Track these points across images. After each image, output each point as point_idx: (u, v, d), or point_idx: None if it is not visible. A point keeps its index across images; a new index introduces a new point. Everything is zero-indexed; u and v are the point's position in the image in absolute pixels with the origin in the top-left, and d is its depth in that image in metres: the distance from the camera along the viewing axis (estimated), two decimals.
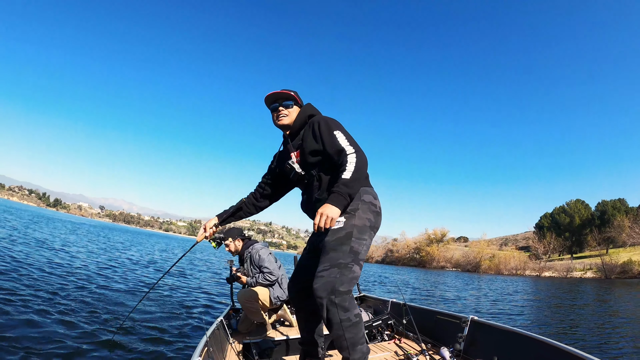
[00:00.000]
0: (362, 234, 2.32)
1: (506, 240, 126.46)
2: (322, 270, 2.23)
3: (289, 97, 2.64)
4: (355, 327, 2.23)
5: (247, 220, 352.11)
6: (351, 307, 2.22)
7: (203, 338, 2.72)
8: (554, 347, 2.29)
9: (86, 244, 19.86)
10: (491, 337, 2.87)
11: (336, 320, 2.19)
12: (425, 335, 3.46)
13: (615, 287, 28.11)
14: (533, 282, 36.32)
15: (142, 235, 67.37)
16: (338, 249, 2.25)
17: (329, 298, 2.17)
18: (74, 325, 5.01)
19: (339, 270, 2.21)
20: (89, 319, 5.49)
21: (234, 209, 2.89)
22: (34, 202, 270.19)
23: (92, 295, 7.09)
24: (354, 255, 2.27)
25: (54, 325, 4.84)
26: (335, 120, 2.53)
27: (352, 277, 2.24)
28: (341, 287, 2.18)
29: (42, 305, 5.61)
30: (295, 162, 2.58)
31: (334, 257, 2.24)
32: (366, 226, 2.34)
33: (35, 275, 7.78)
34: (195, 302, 8.24)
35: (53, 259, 10.95)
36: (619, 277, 45.37)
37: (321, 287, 2.18)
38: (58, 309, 5.63)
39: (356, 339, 2.24)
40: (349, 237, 2.27)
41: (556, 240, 69.90)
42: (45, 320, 4.98)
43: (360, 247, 2.30)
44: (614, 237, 61.62)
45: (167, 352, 4.70)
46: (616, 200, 72.04)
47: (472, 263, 68.48)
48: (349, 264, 2.23)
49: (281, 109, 2.63)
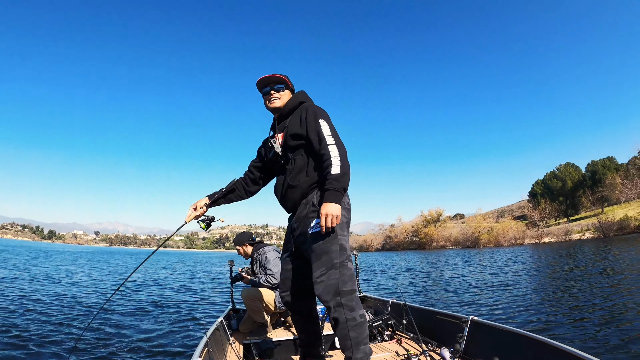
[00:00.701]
0: (344, 230, 2.39)
1: (502, 211, 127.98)
2: (320, 276, 2.27)
3: (280, 81, 2.68)
4: (360, 327, 2.27)
5: (244, 225, 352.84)
6: (357, 307, 2.28)
7: (203, 338, 2.75)
8: (554, 347, 2.27)
9: (88, 271, 19.60)
10: (491, 337, 2.85)
11: (342, 319, 2.23)
12: (425, 335, 3.44)
13: (614, 245, 28.50)
14: (533, 249, 36.78)
15: (142, 255, 67.09)
16: (330, 250, 2.29)
17: (335, 300, 2.23)
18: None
19: (336, 270, 2.26)
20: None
21: (226, 190, 2.88)
22: (28, 237, 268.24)
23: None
24: (345, 251, 2.32)
25: None
26: (324, 111, 2.57)
27: (350, 274, 2.31)
28: (344, 286, 2.25)
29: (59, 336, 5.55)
30: (278, 142, 2.62)
31: (328, 260, 2.28)
32: (344, 222, 2.39)
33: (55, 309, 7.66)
34: (195, 302, 8.31)
35: (69, 291, 10.82)
36: (617, 234, 46.10)
37: (324, 292, 2.24)
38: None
39: (360, 339, 2.26)
40: (335, 236, 2.32)
41: (551, 206, 70.56)
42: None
43: (346, 243, 2.37)
44: (608, 195, 62.45)
45: (167, 352, 4.83)
46: (605, 159, 72.79)
47: (470, 239, 68.96)
48: (344, 261, 2.29)
49: (272, 92, 2.67)
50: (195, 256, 72.49)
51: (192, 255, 78.80)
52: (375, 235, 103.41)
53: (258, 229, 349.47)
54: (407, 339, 3.57)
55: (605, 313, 6.33)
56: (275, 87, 2.66)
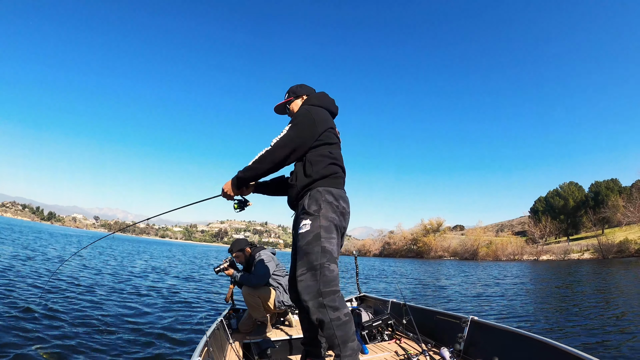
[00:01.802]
0: (330, 233, 2.38)
1: (502, 226, 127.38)
2: (301, 274, 2.32)
3: (281, 110, 3.00)
4: (345, 325, 2.27)
5: (243, 222, 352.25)
6: (341, 307, 2.28)
7: (203, 338, 2.74)
8: (554, 347, 2.28)
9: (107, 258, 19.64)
10: (491, 337, 2.85)
11: (327, 319, 2.24)
12: (425, 335, 3.45)
13: (612, 266, 28.38)
14: (531, 266, 36.62)
15: (142, 244, 67.06)
16: (311, 252, 2.31)
17: (316, 301, 2.25)
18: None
19: (316, 272, 2.28)
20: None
21: (272, 180, 2.97)
22: (28, 217, 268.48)
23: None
24: (328, 254, 2.33)
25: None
26: (304, 114, 2.57)
27: (333, 276, 2.31)
28: (326, 287, 2.26)
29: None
30: None
31: (309, 261, 2.31)
32: (332, 225, 2.41)
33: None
34: (195, 302, 8.31)
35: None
36: (616, 256, 45.80)
37: (304, 291, 2.28)
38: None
39: (347, 337, 2.27)
40: (318, 238, 2.33)
41: (552, 224, 70.31)
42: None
43: (331, 245, 2.36)
44: (609, 217, 62.09)
45: (167, 352, 4.81)
46: (609, 180, 72.58)
47: (469, 251, 68.82)
48: (325, 263, 2.30)
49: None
50: (194, 249, 72.31)
51: (192, 248, 78.61)
52: (374, 241, 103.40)
53: (257, 226, 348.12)
54: (406, 339, 3.57)
55: (605, 318, 6.34)
56: (286, 113, 2.97)
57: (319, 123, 2.53)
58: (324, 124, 2.57)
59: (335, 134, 2.68)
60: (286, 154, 2.45)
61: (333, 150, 2.59)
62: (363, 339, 3.57)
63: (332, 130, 2.64)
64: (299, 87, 2.93)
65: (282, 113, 3.00)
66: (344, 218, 2.51)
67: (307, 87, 2.96)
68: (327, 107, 2.76)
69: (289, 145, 2.45)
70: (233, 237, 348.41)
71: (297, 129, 2.48)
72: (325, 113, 2.68)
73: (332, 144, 2.60)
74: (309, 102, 2.74)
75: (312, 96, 2.83)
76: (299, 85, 2.95)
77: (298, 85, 2.95)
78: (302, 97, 2.89)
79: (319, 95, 2.83)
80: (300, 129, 2.48)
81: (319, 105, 2.69)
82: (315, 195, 2.45)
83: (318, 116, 2.55)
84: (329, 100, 2.83)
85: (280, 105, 2.95)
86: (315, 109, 2.59)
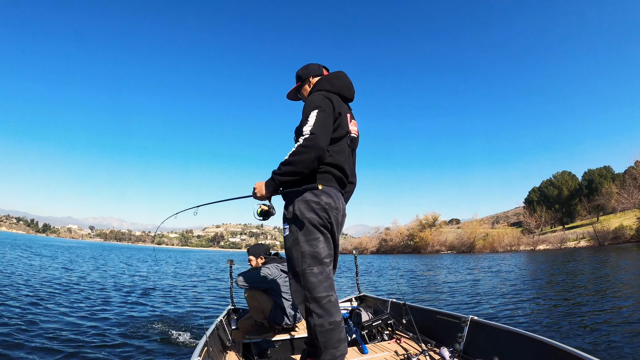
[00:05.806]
0: (310, 235, 2.30)
1: (497, 218, 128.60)
2: (290, 279, 2.37)
3: (293, 96, 2.91)
4: (328, 333, 2.25)
5: (239, 225, 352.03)
6: (326, 314, 2.25)
7: (203, 338, 2.74)
8: (554, 347, 2.26)
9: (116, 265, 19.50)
10: (491, 337, 2.83)
11: (312, 324, 2.27)
12: (425, 335, 3.43)
13: (609, 253, 28.62)
14: (528, 256, 36.87)
15: (137, 251, 66.80)
16: (292, 257, 2.33)
17: (303, 305, 2.30)
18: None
19: (299, 278, 2.29)
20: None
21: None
22: (22, 230, 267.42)
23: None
24: (310, 258, 2.28)
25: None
26: (314, 99, 2.40)
27: (317, 280, 2.27)
28: (312, 294, 2.25)
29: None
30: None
31: (291, 266, 2.34)
32: (312, 225, 2.30)
33: None
34: (195, 302, 8.32)
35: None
36: (612, 243, 46.32)
37: (293, 295, 2.34)
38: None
39: (328, 344, 2.25)
40: (297, 243, 2.31)
41: (547, 213, 70.85)
42: None
43: (313, 247, 2.29)
44: (604, 204, 62.71)
45: (167, 352, 4.86)
46: (602, 168, 73.29)
47: (466, 244, 69.15)
48: (307, 269, 2.28)
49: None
50: (192, 254, 72.32)
51: (189, 254, 78.59)
52: (371, 238, 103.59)
53: (253, 228, 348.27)
54: (406, 339, 3.54)
55: (604, 314, 6.35)
56: (299, 99, 2.86)
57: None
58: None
59: (341, 124, 2.45)
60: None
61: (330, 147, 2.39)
62: (363, 338, 3.53)
63: (338, 121, 2.42)
64: (304, 70, 2.76)
65: (294, 99, 2.92)
66: (329, 213, 2.33)
67: (312, 67, 2.74)
68: (338, 91, 2.55)
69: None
70: (229, 241, 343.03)
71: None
72: (335, 101, 2.45)
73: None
74: (319, 87, 2.57)
75: (323, 79, 2.61)
76: (303, 67, 2.77)
77: (303, 67, 2.77)
78: (309, 80, 2.71)
79: (330, 78, 2.61)
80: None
81: (330, 90, 2.52)
82: (291, 196, 2.37)
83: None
84: (341, 84, 2.60)
85: (290, 92, 2.88)
86: (320, 100, 2.39)
